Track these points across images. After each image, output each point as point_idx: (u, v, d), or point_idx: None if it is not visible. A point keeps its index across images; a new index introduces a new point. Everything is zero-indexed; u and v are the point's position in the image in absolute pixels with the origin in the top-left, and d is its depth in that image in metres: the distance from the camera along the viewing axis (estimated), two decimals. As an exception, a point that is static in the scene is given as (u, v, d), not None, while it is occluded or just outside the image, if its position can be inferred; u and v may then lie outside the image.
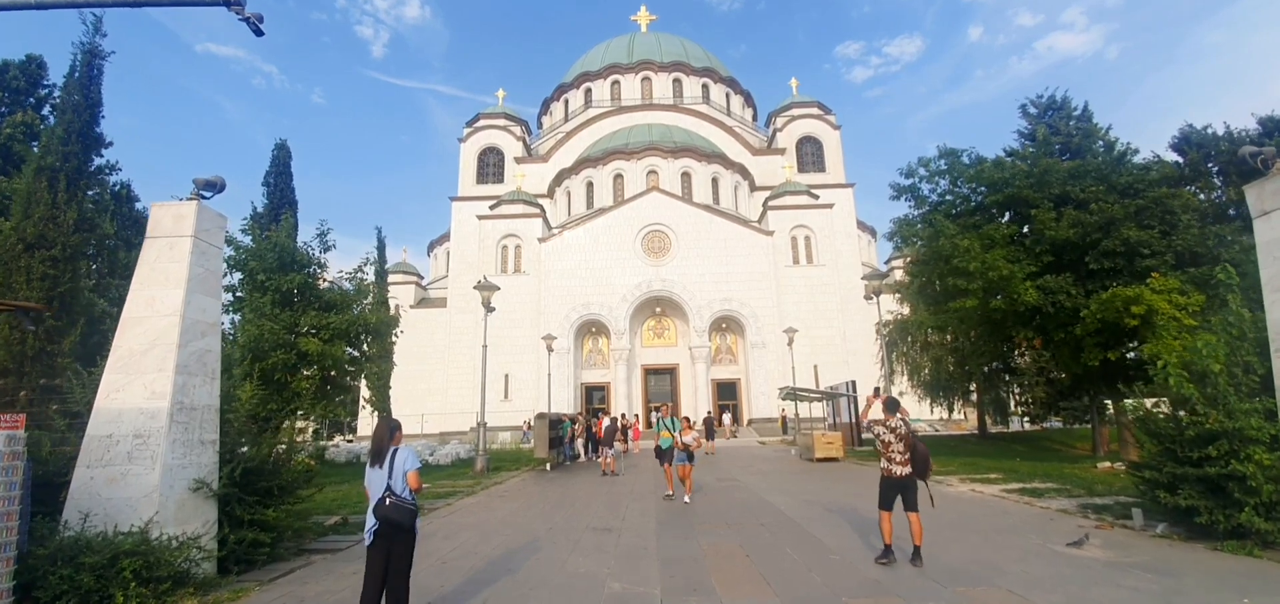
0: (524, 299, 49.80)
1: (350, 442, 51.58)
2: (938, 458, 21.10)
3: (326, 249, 16.22)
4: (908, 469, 7.02)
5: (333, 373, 15.58)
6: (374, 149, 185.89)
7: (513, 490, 14.95)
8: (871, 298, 20.56)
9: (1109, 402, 25.63)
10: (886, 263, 63.76)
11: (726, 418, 44.74)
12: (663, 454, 13.04)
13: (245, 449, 7.83)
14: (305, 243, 16.66)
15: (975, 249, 14.05)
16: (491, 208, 55.13)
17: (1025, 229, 15.19)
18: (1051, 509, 10.19)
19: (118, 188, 37.79)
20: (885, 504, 7.13)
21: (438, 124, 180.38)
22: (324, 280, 16.25)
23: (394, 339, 17.49)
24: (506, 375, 49.90)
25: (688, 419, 13.67)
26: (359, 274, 16.57)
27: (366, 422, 53.43)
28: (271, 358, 13.96)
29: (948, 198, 16.93)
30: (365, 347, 17.25)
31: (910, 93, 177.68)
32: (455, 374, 51.86)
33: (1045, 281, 14.21)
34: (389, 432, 5.20)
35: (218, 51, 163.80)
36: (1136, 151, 15.90)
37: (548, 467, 20.78)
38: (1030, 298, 13.84)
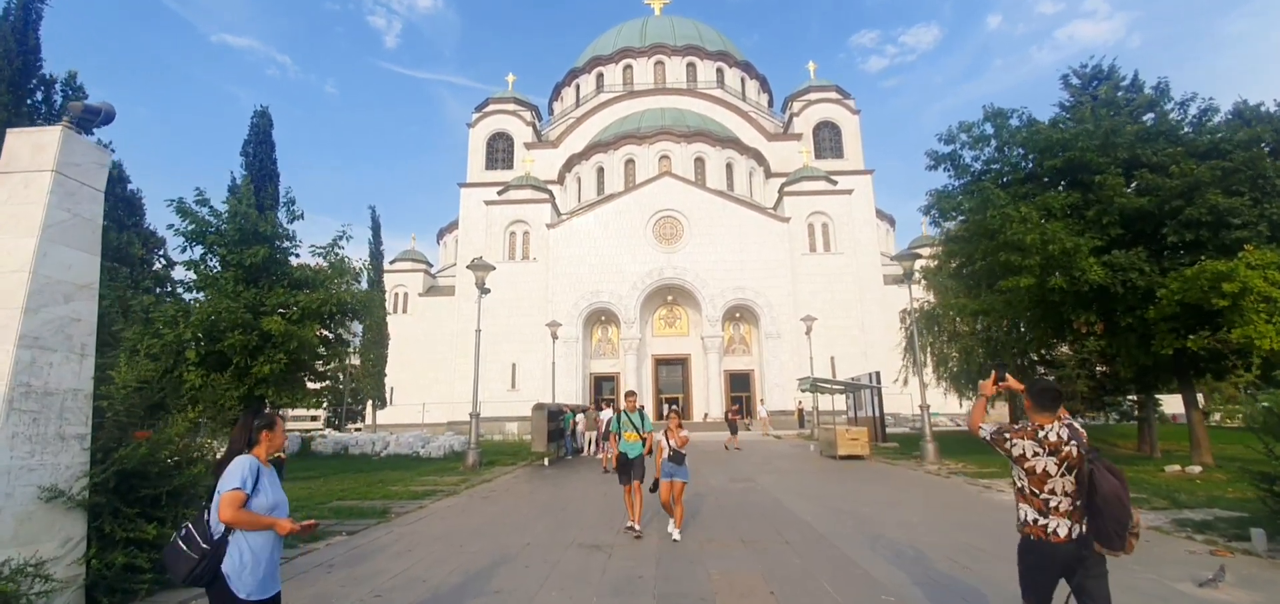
0: (532, 287, 48.37)
1: (358, 430, 50.48)
2: (971, 456, 19.30)
3: (294, 219, 14.67)
4: (1078, 526, 3.25)
5: (304, 357, 13.97)
6: (386, 139, 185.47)
7: (500, 489, 13.33)
8: (905, 281, 18.70)
9: (1162, 397, 23.64)
10: (908, 247, 61.47)
11: (761, 409, 40.91)
12: (628, 467, 8.45)
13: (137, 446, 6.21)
14: (280, 218, 15.16)
15: (1033, 219, 12.17)
16: (500, 193, 53.68)
17: (1084, 198, 13.23)
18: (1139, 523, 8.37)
19: (109, 168, 36.38)
20: (1037, 594, 3.38)
21: (450, 114, 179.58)
22: (295, 256, 14.75)
23: (367, 321, 15.88)
24: (514, 365, 48.60)
25: (677, 414, 8.56)
26: (335, 250, 14.94)
27: (387, 410, 52.39)
28: (227, 339, 12.42)
29: (994, 166, 15.00)
30: (342, 329, 15.71)
31: (927, 83, 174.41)
32: (463, 363, 50.34)
33: (1113, 257, 12.28)
34: (245, 434, 3.51)
35: (233, 42, 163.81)
36: (1217, 110, 13.94)
37: (546, 462, 19.17)
38: (1096, 276, 11.93)
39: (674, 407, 11.81)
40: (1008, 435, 3.47)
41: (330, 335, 15.25)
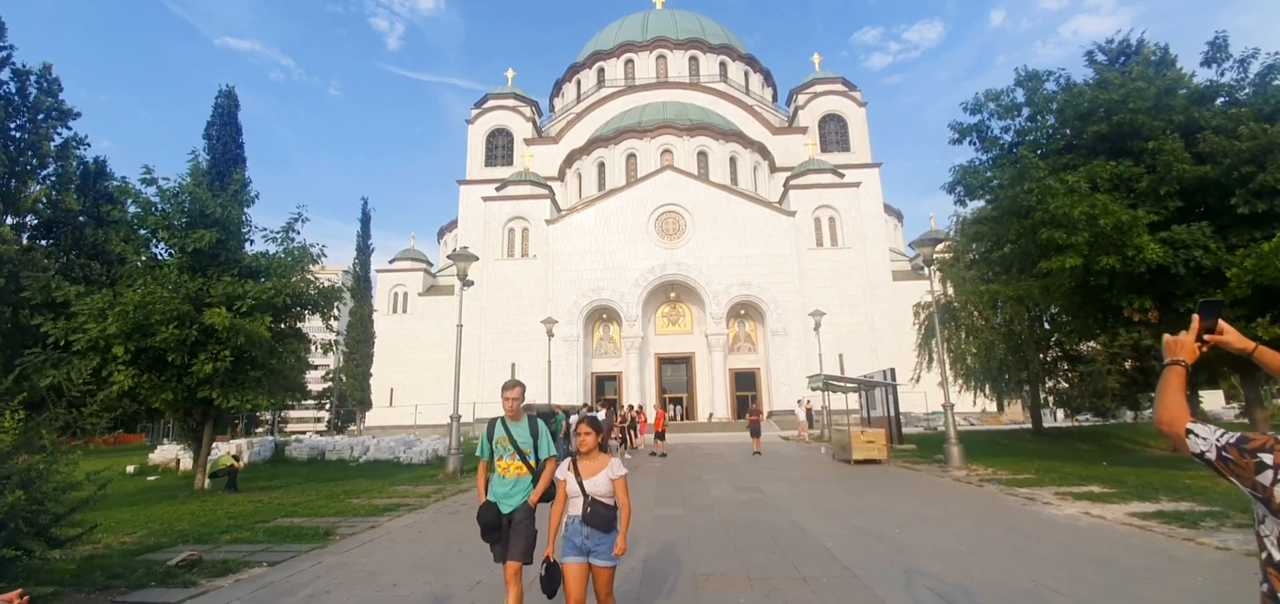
0: (532, 284, 47.07)
1: (355, 434, 49.19)
2: (999, 459, 17.64)
3: (248, 203, 13.23)
4: None
5: (254, 354, 12.42)
6: (388, 141, 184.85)
7: (473, 503, 11.80)
8: (926, 267, 17.12)
9: (1202, 393, 22.02)
10: (914, 249, 59.76)
11: (799, 411, 32.18)
12: (497, 528, 4.43)
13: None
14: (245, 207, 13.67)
15: (1082, 189, 10.62)
16: (498, 190, 52.33)
17: (1135, 167, 11.61)
18: (1232, 550, 6.81)
19: (91, 162, 35.13)
20: None
21: (452, 115, 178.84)
22: (251, 243, 13.33)
23: (336, 315, 14.42)
24: (513, 364, 47.18)
25: (589, 424, 4.22)
26: (290, 234, 13.45)
27: (387, 412, 51.24)
28: (161, 334, 10.97)
29: (1027, 137, 13.42)
30: (301, 323, 14.20)
31: (930, 80, 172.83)
32: (464, 363, 48.84)
33: (1174, 233, 10.72)
34: None
35: (236, 45, 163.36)
36: (1280, 68, 12.32)
37: (534, 468, 17.63)
38: (1154, 255, 10.37)
39: (593, 409, 9.51)
40: (1268, 457, 1.61)
41: (287, 329, 13.76)
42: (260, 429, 64.71)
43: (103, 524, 9.62)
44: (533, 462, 4.51)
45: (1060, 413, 33.12)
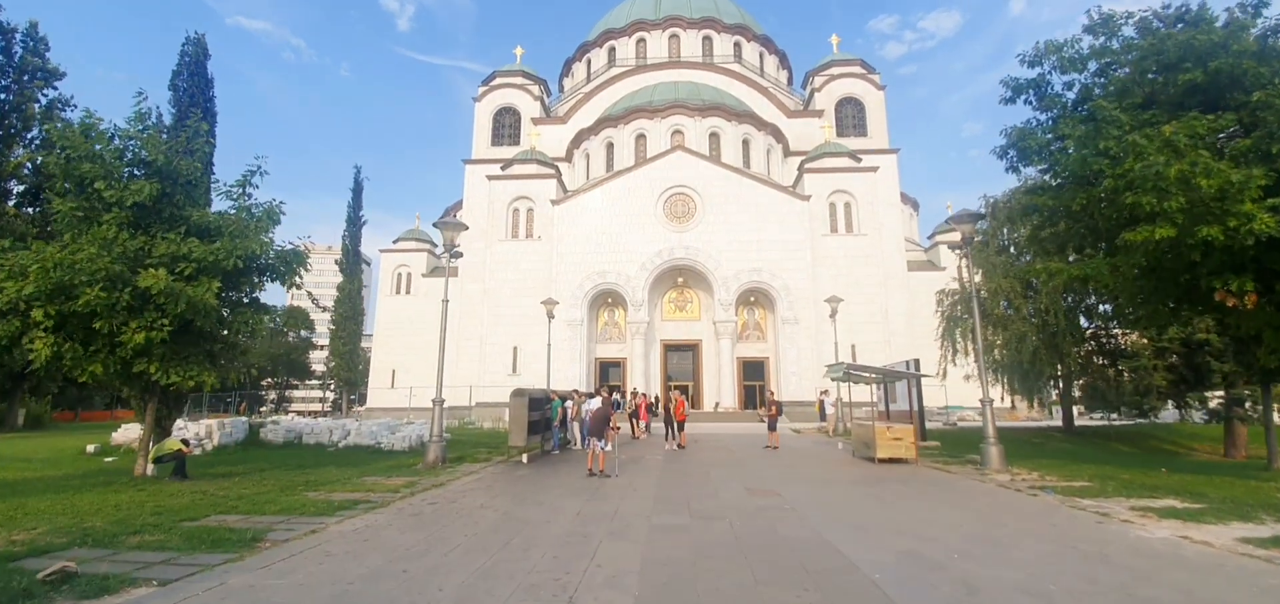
0: (536, 266, 45.58)
1: (359, 414, 48.04)
2: (1031, 459, 15.74)
3: (196, 151, 11.62)
4: None
5: (199, 323, 10.84)
6: (398, 122, 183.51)
7: (446, 500, 10.22)
8: (960, 249, 15.38)
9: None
10: (930, 239, 57.81)
11: (829, 403, 29.65)
12: None
13: None
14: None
15: (1180, 142, 8.86)
16: (503, 168, 50.76)
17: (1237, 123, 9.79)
18: None
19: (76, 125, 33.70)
20: None
21: (461, 98, 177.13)
22: (207, 202, 11.75)
23: (299, 283, 12.84)
24: (515, 348, 45.96)
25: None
26: (245, 192, 11.81)
27: (387, 394, 50.23)
28: (84, 296, 9.42)
29: (1096, 93, 11.61)
30: (260, 291, 12.60)
31: (947, 70, 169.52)
32: (465, 345, 47.61)
33: (1285, 197, 8.96)
34: None
35: (248, 24, 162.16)
36: None
37: (524, 458, 16.11)
38: (1264, 226, 8.63)
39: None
40: None
41: (244, 299, 12.19)
42: (265, 408, 63.79)
43: (14, 517, 8.23)
44: None
45: (1077, 410, 31.32)
